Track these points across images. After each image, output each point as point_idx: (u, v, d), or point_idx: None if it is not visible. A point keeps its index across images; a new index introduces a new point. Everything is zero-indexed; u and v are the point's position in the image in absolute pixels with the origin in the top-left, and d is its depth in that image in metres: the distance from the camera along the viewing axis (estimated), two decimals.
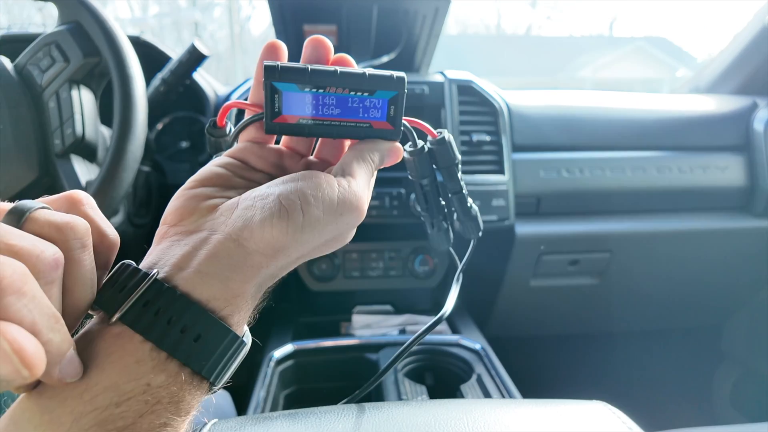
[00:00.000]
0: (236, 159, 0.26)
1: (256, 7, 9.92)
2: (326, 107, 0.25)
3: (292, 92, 0.24)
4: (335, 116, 0.25)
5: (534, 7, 14.47)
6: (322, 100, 0.25)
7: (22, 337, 0.15)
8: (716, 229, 0.89)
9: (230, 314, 0.21)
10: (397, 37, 0.93)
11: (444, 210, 0.36)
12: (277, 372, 0.68)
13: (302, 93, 0.24)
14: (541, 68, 11.50)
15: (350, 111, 0.25)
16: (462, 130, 0.82)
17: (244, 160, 0.27)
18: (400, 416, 0.35)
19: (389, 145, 0.27)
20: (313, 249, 0.24)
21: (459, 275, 0.38)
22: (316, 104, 0.25)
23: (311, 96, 0.24)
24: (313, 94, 0.24)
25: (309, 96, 0.24)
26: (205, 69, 0.85)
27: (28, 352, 0.15)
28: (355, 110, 0.25)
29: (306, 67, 0.24)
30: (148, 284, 0.20)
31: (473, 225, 0.38)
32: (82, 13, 0.55)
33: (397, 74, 0.25)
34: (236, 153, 0.27)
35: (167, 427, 0.19)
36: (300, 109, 0.25)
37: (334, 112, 0.25)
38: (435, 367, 0.70)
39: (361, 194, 0.24)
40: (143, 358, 0.19)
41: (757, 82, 0.97)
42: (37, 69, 0.56)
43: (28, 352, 0.15)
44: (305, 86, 0.24)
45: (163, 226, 0.23)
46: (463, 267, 0.39)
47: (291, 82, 0.24)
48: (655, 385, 1.19)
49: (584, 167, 0.85)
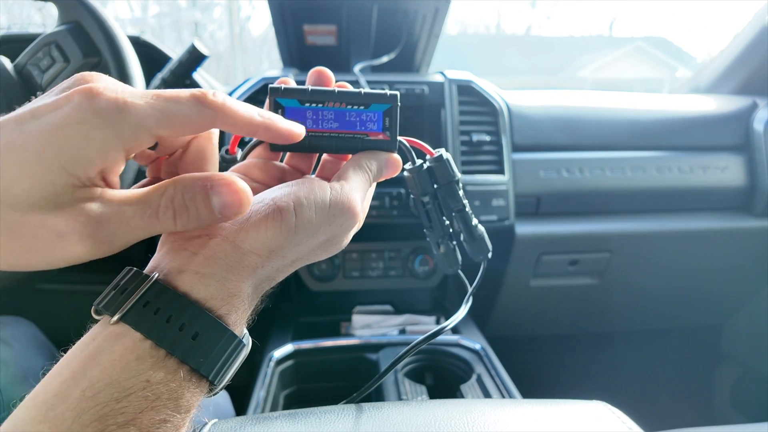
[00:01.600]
0: (239, 173, 0.28)
1: (256, 7, 9.92)
2: (325, 121, 0.27)
3: (294, 107, 0.27)
4: (334, 129, 0.28)
5: (534, 7, 14.50)
6: (322, 115, 0.27)
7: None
8: (716, 229, 0.89)
9: (227, 313, 0.22)
10: (397, 37, 0.93)
11: (449, 229, 0.36)
12: (277, 372, 0.68)
13: (303, 108, 0.27)
14: (541, 68, 11.51)
15: (348, 124, 0.28)
16: (462, 130, 0.82)
17: (248, 175, 0.29)
18: (400, 416, 0.35)
19: (387, 156, 0.28)
20: (309, 251, 0.25)
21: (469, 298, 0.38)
22: (316, 118, 0.27)
23: (311, 111, 0.27)
24: (312, 108, 0.27)
25: (309, 111, 0.27)
26: (205, 69, 0.85)
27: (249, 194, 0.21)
28: (353, 123, 0.28)
29: (307, 87, 0.27)
30: (148, 286, 0.21)
31: (480, 246, 0.37)
32: (81, 13, 0.55)
33: (390, 91, 0.28)
34: (240, 168, 0.29)
35: (167, 424, 0.20)
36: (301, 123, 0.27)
37: (332, 125, 0.28)
38: (435, 367, 0.70)
39: (353, 196, 0.25)
40: (143, 355, 0.20)
41: (757, 82, 0.97)
42: (37, 69, 0.56)
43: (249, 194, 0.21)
44: (306, 102, 0.27)
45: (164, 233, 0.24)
46: (473, 290, 0.38)
47: (292, 98, 0.27)
48: (655, 385, 1.19)
49: (584, 167, 0.85)
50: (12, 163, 0.18)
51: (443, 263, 0.38)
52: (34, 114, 0.18)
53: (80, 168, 0.18)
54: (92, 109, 0.18)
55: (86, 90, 0.18)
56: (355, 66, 0.86)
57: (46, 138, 0.18)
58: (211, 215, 0.21)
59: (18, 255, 0.19)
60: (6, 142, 0.18)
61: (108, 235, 0.19)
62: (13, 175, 0.18)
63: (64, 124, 0.18)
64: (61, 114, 0.18)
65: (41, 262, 0.19)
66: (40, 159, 0.18)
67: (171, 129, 0.20)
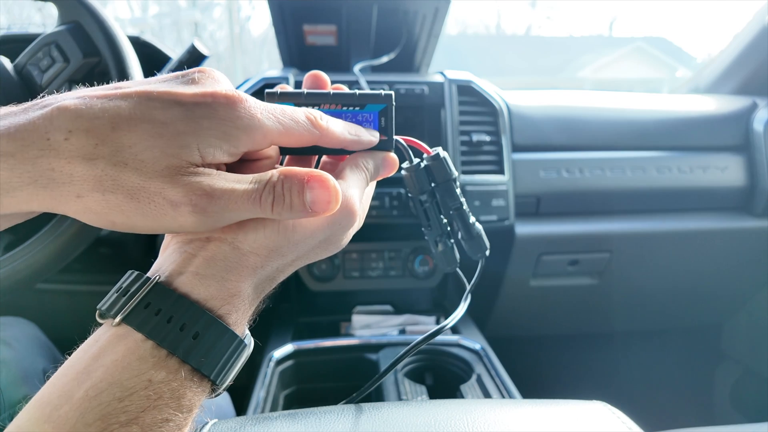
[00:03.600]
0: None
1: (256, 7, 9.91)
2: None
3: None
4: None
5: (534, 7, 14.50)
6: None
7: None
8: (716, 229, 0.89)
9: (228, 313, 0.22)
10: (397, 37, 0.93)
11: (447, 227, 0.36)
12: (277, 372, 0.68)
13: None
14: (541, 68, 11.51)
15: None
16: (462, 130, 0.82)
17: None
18: (400, 416, 0.35)
19: (383, 155, 0.29)
20: (308, 251, 0.25)
21: (467, 295, 0.38)
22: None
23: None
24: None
25: None
26: None
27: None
28: None
29: (302, 91, 0.28)
30: (149, 288, 0.21)
31: (478, 244, 0.38)
32: (81, 13, 0.55)
33: (385, 91, 0.28)
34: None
35: (169, 423, 0.20)
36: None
37: None
38: (435, 367, 0.70)
39: (350, 194, 0.25)
40: (145, 355, 0.20)
41: (757, 82, 0.97)
42: (36, 69, 0.56)
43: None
44: (302, 105, 0.27)
45: (167, 237, 0.25)
46: (471, 288, 0.38)
47: (289, 102, 0.27)
48: (655, 385, 1.19)
49: (584, 167, 0.85)
50: (148, 135, 0.20)
51: (442, 261, 0.38)
52: (177, 99, 0.21)
53: (211, 154, 0.21)
54: (237, 113, 0.22)
55: (234, 97, 0.22)
56: (354, 66, 0.86)
57: (190, 123, 0.21)
58: (302, 208, 0.22)
59: (128, 216, 0.20)
60: (144, 114, 0.20)
61: (216, 210, 0.21)
62: (146, 144, 0.20)
63: (211, 117, 0.21)
64: (209, 110, 0.21)
65: (147, 226, 0.21)
66: (178, 136, 0.20)
67: (287, 141, 0.24)
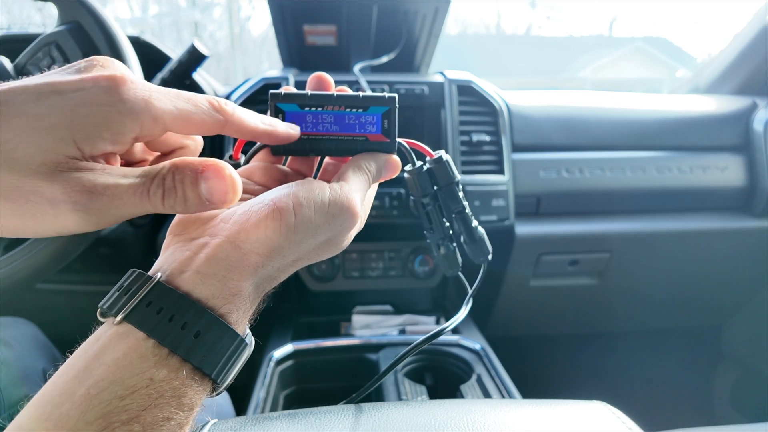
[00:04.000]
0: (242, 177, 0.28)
1: (256, 7, 9.87)
2: (325, 124, 0.28)
3: (294, 112, 0.28)
4: (333, 132, 0.28)
5: (534, 7, 14.47)
6: (321, 118, 0.28)
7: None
8: (716, 229, 0.89)
9: (229, 312, 0.22)
10: (397, 37, 0.93)
11: (449, 231, 0.36)
12: (276, 372, 0.68)
13: (303, 112, 0.28)
14: (541, 68, 11.50)
15: (347, 127, 0.28)
16: (462, 130, 0.82)
17: (250, 178, 0.29)
18: (400, 416, 0.35)
19: (386, 157, 0.29)
20: (309, 251, 0.25)
21: (469, 299, 0.38)
22: (316, 122, 0.28)
23: (311, 115, 0.28)
24: (312, 112, 0.28)
25: (309, 115, 0.28)
26: (205, 69, 0.85)
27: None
28: (352, 126, 0.28)
29: (306, 92, 0.28)
30: (150, 286, 0.21)
31: (480, 248, 0.37)
32: (81, 13, 0.55)
33: (389, 94, 0.28)
34: (244, 172, 0.29)
35: (170, 421, 0.20)
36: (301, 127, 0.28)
37: (332, 128, 0.28)
38: (435, 368, 0.70)
39: (353, 196, 0.25)
40: (146, 354, 0.20)
41: (757, 82, 0.97)
42: (37, 69, 0.56)
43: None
44: (305, 106, 0.27)
45: (168, 236, 0.25)
46: (473, 292, 0.38)
47: (292, 103, 0.27)
48: (655, 385, 1.19)
49: (584, 167, 0.85)
50: (21, 129, 0.18)
51: (444, 265, 0.38)
52: (55, 88, 0.19)
53: (91, 145, 0.19)
54: (119, 96, 0.20)
55: (115, 77, 0.20)
56: (355, 66, 0.86)
57: (66, 113, 0.19)
58: (198, 200, 0.21)
59: (9, 219, 0.19)
60: (19, 108, 0.19)
61: (100, 207, 0.20)
62: (19, 139, 0.18)
63: (89, 104, 0.19)
64: (86, 94, 0.19)
65: (30, 229, 0.20)
66: (53, 129, 0.19)
67: (184, 127, 0.22)
